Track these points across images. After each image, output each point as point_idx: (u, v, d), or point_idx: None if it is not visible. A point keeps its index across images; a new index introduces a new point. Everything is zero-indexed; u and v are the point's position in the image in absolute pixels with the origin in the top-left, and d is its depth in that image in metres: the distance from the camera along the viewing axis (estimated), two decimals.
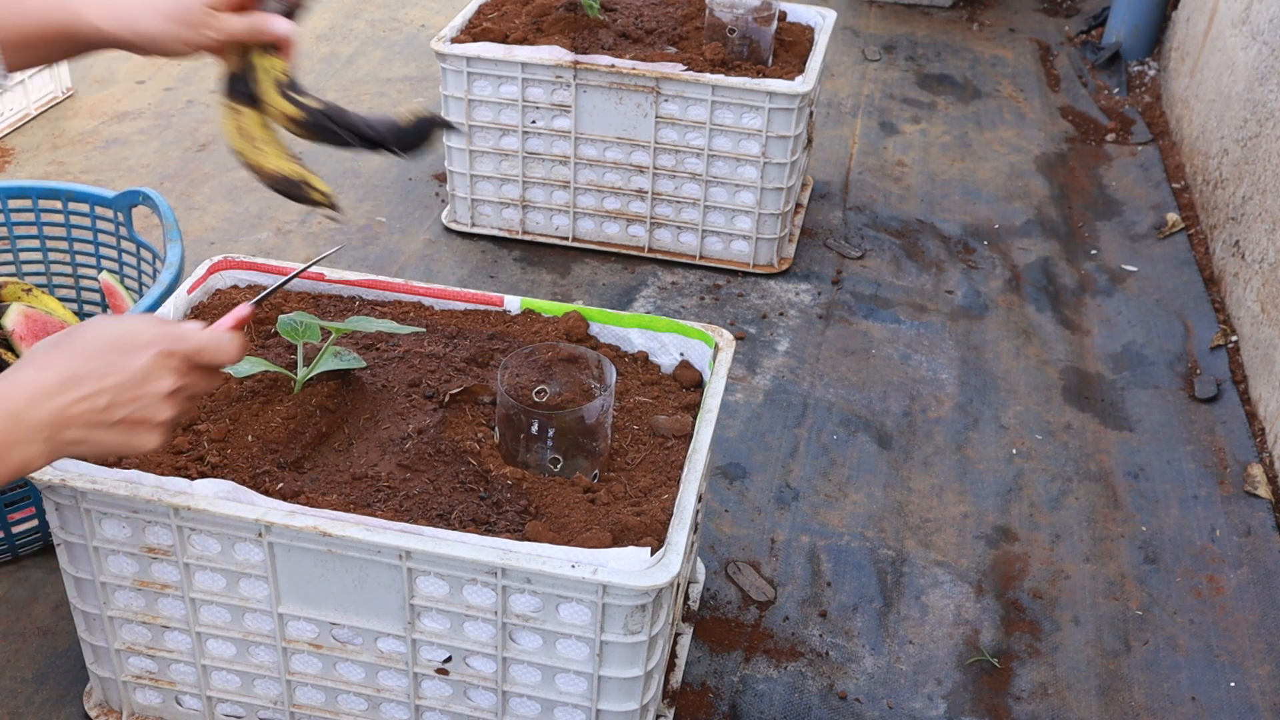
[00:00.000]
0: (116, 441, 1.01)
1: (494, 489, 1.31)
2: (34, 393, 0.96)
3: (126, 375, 1.00)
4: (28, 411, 0.95)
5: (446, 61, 2.36)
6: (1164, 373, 2.28)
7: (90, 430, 0.99)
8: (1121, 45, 3.48)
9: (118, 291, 1.96)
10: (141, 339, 1.01)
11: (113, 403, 0.99)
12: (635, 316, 1.55)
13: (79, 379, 0.98)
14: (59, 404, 0.96)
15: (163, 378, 1.02)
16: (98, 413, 0.98)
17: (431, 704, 1.34)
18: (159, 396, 1.01)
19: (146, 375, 1.01)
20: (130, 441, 1.02)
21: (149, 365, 1.01)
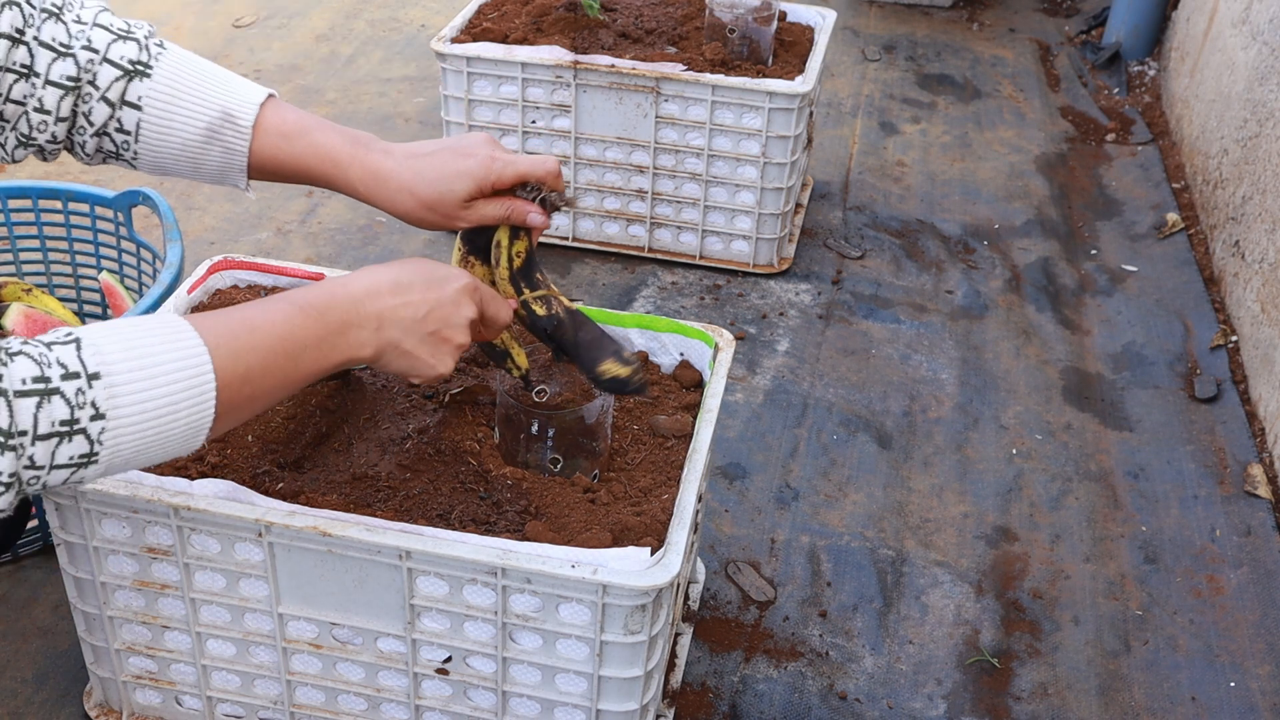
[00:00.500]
0: (423, 352, 1.14)
1: (494, 489, 1.31)
2: (370, 288, 1.11)
3: (443, 294, 1.15)
4: (365, 301, 1.10)
5: (446, 61, 2.36)
6: (1164, 373, 2.29)
7: (406, 333, 1.12)
8: (1121, 45, 3.48)
9: (118, 291, 1.96)
10: (454, 273, 1.18)
11: (429, 314, 1.14)
12: (635, 316, 1.56)
13: (406, 287, 1.13)
14: (389, 303, 1.11)
15: (468, 306, 1.17)
16: (416, 320, 1.13)
17: (431, 704, 1.34)
18: (463, 321, 1.17)
19: (457, 300, 1.16)
20: (432, 356, 1.15)
21: (460, 292, 1.17)
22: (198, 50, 3.42)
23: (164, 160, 1.19)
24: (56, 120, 1.13)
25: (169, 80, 1.16)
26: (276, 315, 1.04)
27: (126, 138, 1.16)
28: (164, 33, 3.40)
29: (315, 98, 3.11)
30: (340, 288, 1.10)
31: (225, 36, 3.43)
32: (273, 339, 1.02)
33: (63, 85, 1.12)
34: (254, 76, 3.21)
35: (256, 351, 1.00)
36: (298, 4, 3.66)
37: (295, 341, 1.04)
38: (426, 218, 1.23)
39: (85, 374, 0.89)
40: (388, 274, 1.13)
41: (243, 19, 3.54)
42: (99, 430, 0.90)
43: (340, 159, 1.21)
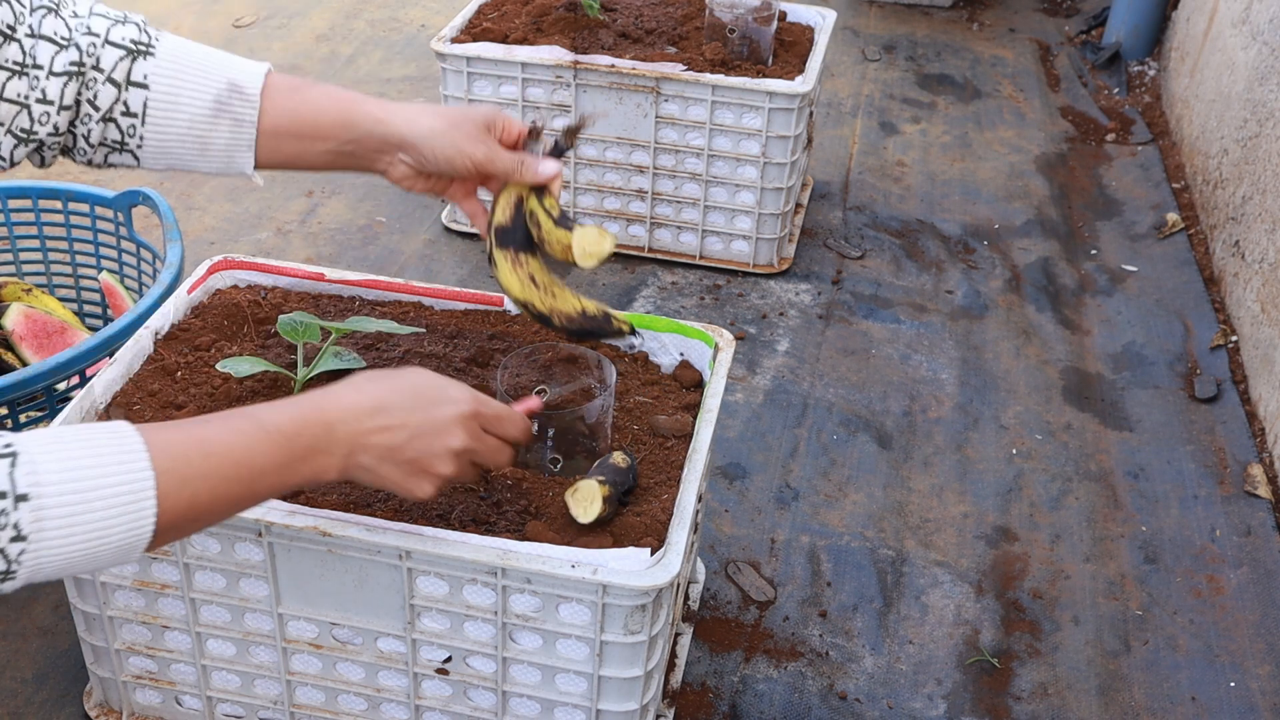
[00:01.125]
0: (396, 479, 1.08)
1: (494, 489, 1.31)
2: (348, 410, 1.04)
3: (430, 419, 1.08)
4: (338, 426, 1.03)
5: (446, 61, 2.36)
6: (1164, 373, 2.29)
7: (380, 461, 1.06)
8: (1121, 45, 3.48)
9: (118, 291, 1.96)
10: (451, 394, 1.11)
11: (409, 442, 1.07)
12: (635, 316, 1.55)
13: (389, 410, 1.06)
14: (365, 427, 1.04)
15: (457, 434, 1.09)
16: (392, 448, 1.06)
17: (431, 704, 1.34)
18: (448, 451, 1.09)
19: (444, 427, 1.09)
20: (407, 483, 1.08)
21: (450, 419, 1.09)
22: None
23: (170, 143, 1.17)
24: (60, 109, 1.11)
25: (172, 57, 1.15)
26: (238, 440, 0.97)
27: (133, 121, 1.14)
28: None
29: None
30: (314, 410, 1.03)
31: (225, 36, 3.43)
32: (228, 465, 0.96)
33: (66, 73, 1.11)
34: None
35: (208, 479, 0.94)
36: (298, 4, 3.66)
37: (253, 468, 0.97)
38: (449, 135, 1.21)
39: (13, 494, 0.85)
40: (373, 392, 1.06)
41: (243, 19, 3.54)
42: (18, 551, 0.85)
43: (355, 96, 1.21)
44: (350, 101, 1.21)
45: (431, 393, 1.10)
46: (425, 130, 1.21)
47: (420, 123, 1.21)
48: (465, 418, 1.10)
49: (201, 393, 1.41)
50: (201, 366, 1.45)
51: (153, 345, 1.47)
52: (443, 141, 1.22)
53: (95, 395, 1.37)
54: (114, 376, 1.40)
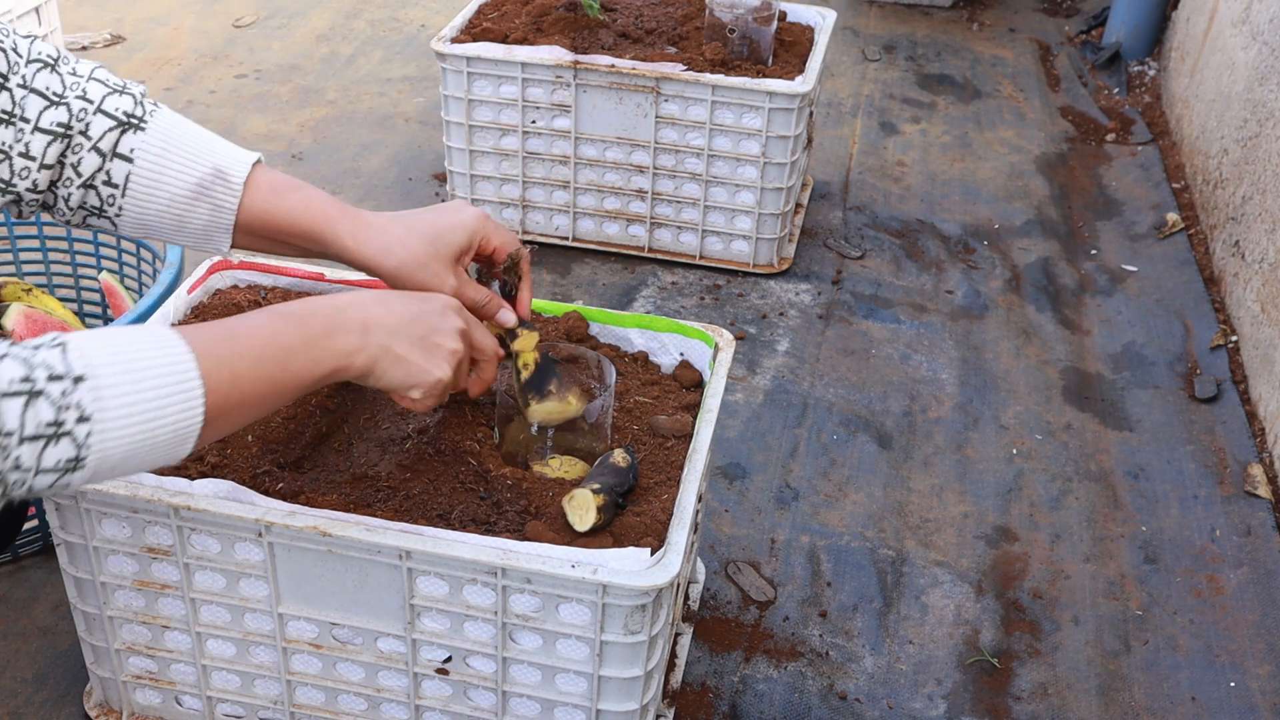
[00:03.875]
0: (417, 356, 1.13)
1: (494, 489, 1.31)
2: (352, 299, 1.11)
3: (428, 305, 1.15)
4: (348, 309, 1.10)
5: (446, 61, 2.36)
6: (1164, 373, 2.29)
7: (394, 337, 1.11)
8: (1121, 45, 3.48)
9: (118, 291, 1.96)
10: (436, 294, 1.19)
11: (415, 319, 1.13)
12: (635, 316, 1.55)
13: (389, 298, 1.13)
14: (373, 311, 1.11)
15: (454, 317, 1.17)
16: (403, 323, 1.12)
17: (431, 704, 1.34)
18: (451, 328, 1.16)
19: (443, 310, 1.16)
20: (427, 360, 1.14)
21: (445, 305, 1.17)
22: (198, 50, 3.43)
23: (148, 217, 1.18)
24: (40, 167, 1.12)
25: (163, 135, 1.16)
26: (259, 322, 1.04)
27: (113, 191, 1.15)
28: (164, 33, 3.41)
29: (315, 98, 3.11)
30: (323, 299, 1.11)
31: (225, 36, 3.43)
32: (256, 343, 1.02)
33: (52, 132, 1.11)
34: (254, 76, 3.21)
35: (242, 357, 1.00)
36: (298, 4, 3.66)
37: (280, 345, 1.03)
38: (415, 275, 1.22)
39: (70, 376, 0.88)
40: (370, 293, 1.14)
41: (243, 19, 3.54)
42: (85, 433, 0.89)
43: (331, 214, 1.21)
44: (325, 219, 1.20)
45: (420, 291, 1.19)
46: (392, 269, 1.22)
47: (388, 259, 1.22)
48: (455, 305, 1.18)
49: None
50: None
51: None
52: (409, 282, 1.23)
53: None
54: None
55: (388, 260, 1.21)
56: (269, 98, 3.10)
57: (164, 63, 3.25)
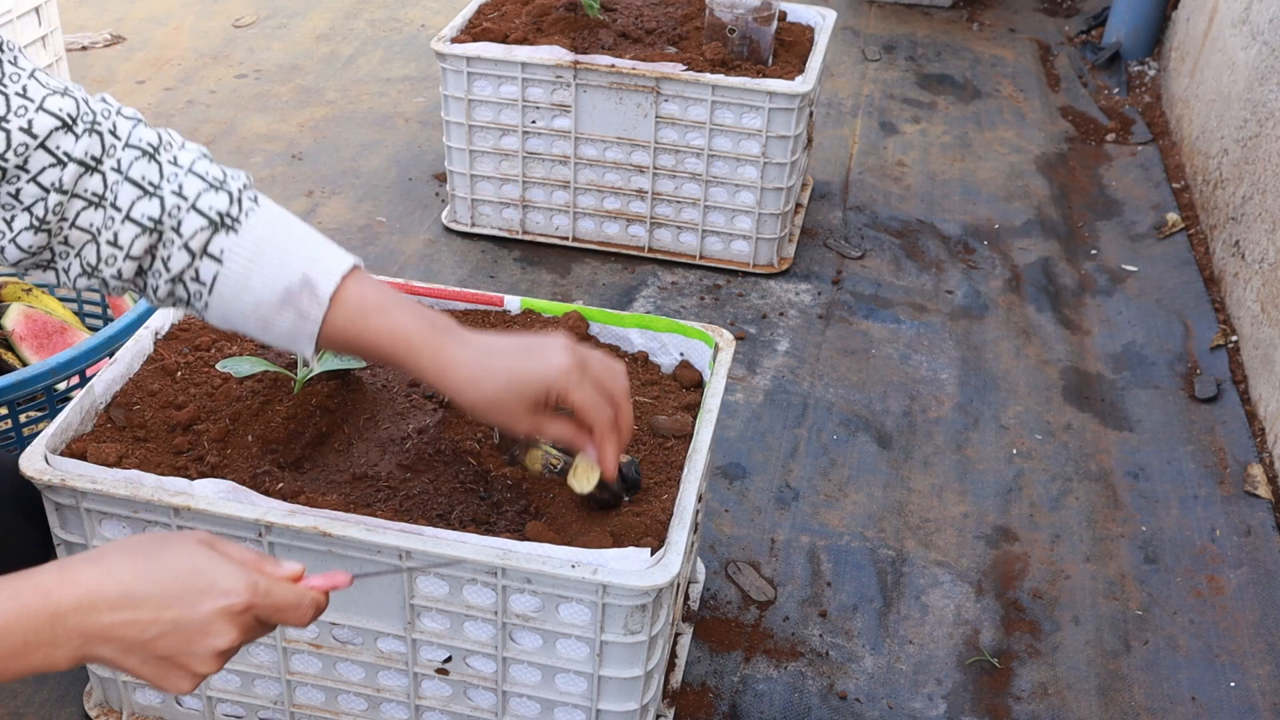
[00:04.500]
0: (146, 673, 0.92)
1: (494, 489, 1.31)
2: (85, 598, 0.87)
3: (190, 616, 0.90)
4: (68, 616, 0.87)
5: (446, 61, 2.36)
6: (1164, 373, 2.28)
7: (124, 654, 0.90)
8: (1121, 45, 3.48)
9: None
10: (221, 585, 0.91)
11: (160, 638, 0.90)
12: (635, 316, 1.55)
13: (139, 601, 0.89)
14: (105, 620, 0.88)
15: (225, 634, 0.91)
16: (140, 642, 0.89)
17: (431, 704, 1.34)
18: (211, 652, 0.91)
19: (208, 627, 0.91)
20: (160, 679, 0.92)
21: (216, 615, 0.91)
22: (198, 49, 3.42)
23: (233, 316, 1.12)
24: (127, 258, 1.08)
25: (255, 240, 1.10)
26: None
27: (200, 288, 1.10)
28: (164, 33, 3.41)
29: (315, 98, 3.11)
30: (38, 598, 0.86)
31: (225, 36, 3.43)
32: None
33: (142, 224, 1.07)
34: (254, 76, 3.21)
35: None
36: (298, 4, 3.66)
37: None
38: (491, 414, 1.14)
39: None
40: (121, 576, 0.89)
41: (243, 19, 3.54)
42: None
43: (414, 343, 1.12)
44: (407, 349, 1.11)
45: (196, 581, 0.91)
46: (473, 400, 1.12)
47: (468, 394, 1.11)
48: (234, 613, 0.91)
49: (201, 393, 1.41)
50: (202, 366, 1.45)
51: (153, 345, 1.47)
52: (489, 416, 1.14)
53: (95, 395, 1.37)
54: (114, 376, 1.40)
55: (466, 397, 1.12)
56: (269, 98, 3.10)
57: (164, 63, 3.25)
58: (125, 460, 1.31)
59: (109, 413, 1.37)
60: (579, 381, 1.12)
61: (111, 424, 1.36)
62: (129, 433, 1.36)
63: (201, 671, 0.92)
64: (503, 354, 1.12)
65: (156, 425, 1.37)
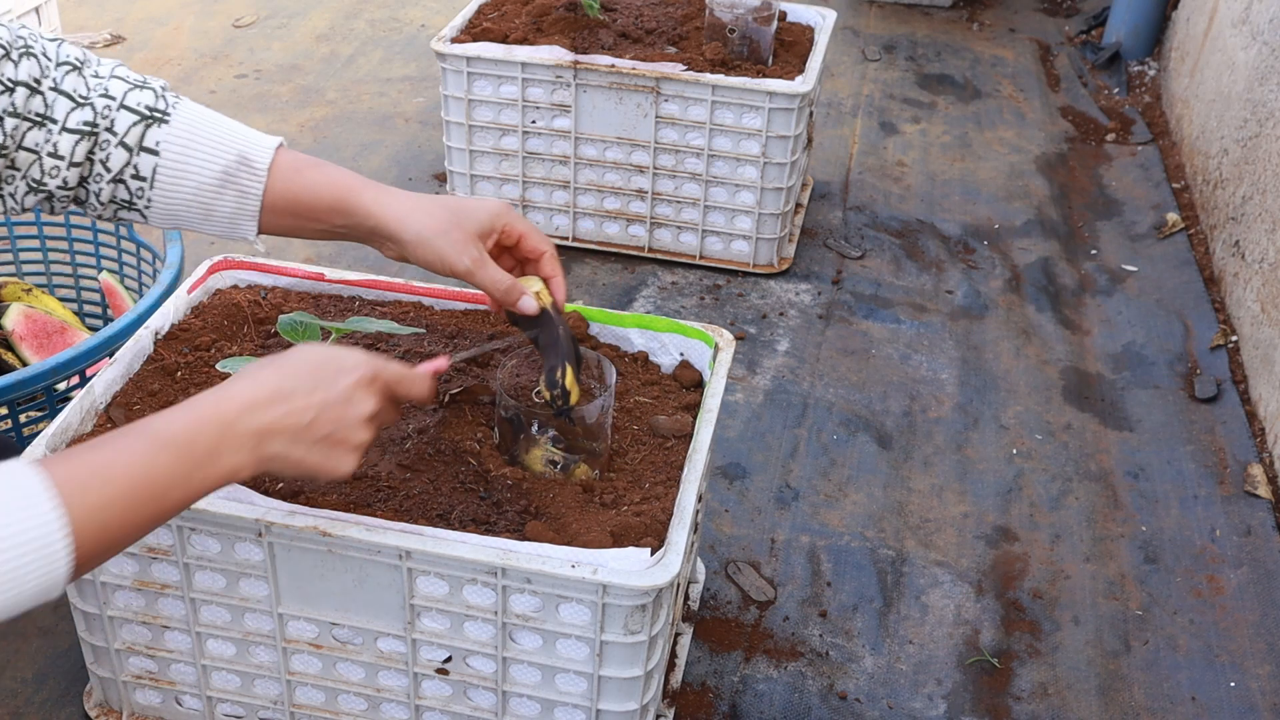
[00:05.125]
0: (315, 460, 1.05)
1: (494, 489, 1.31)
2: (245, 404, 1.01)
3: (332, 394, 1.05)
4: (238, 422, 1.00)
5: (446, 61, 2.36)
6: (1164, 373, 2.29)
7: (292, 444, 1.03)
8: (1121, 45, 3.48)
9: (118, 291, 1.96)
10: (348, 363, 1.07)
11: (316, 419, 1.04)
12: (635, 316, 1.55)
13: (289, 393, 1.03)
14: (268, 416, 1.01)
15: (365, 401, 1.07)
16: (302, 428, 1.03)
17: (431, 704, 1.34)
18: (360, 419, 1.07)
19: (350, 397, 1.06)
20: (327, 461, 1.06)
21: (353, 387, 1.07)
22: (198, 49, 3.42)
23: (176, 207, 1.20)
24: (70, 165, 1.14)
25: (185, 126, 1.18)
26: (135, 457, 0.95)
27: (142, 184, 1.17)
28: (164, 33, 3.41)
29: (315, 98, 3.11)
30: (212, 409, 1.00)
31: (225, 36, 3.43)
32: (131, 487, 0.94)
33: (79, 131, 1.14)
34: (254, 76, 3.21)
35: (114, 506, 0.92)
36: (298, 4, 3.66)
37: (156, 484, 0.95)
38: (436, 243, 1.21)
39: None
40: (268, 379, 1.04)
41: (243, 19, 3.54)
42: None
43: (354, 185, 1.21)
44: (347, 189, 1.21)
45: (329, 365, 1.07)
46: (414, 233, 1.21)
47: (411, 223, 1.21)
48: (367, 381, 1.08)
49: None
50: (201, 366, 1.45)
51: (153, 345, 1.47)
52: (428, 248, 1.21)
53: (95, 395, 1.37)
54: (114, 376, 1.40)
55: (409, 225, 1.20)
56: (269, 98, 3.10)
57: (164, 63, 3.25)
58: None
59: (109, 413, 1.37)
60: (518, 214, 1.26)
61: (111, 424, 1.36)
62: None
63: (358, 440, 1.07)
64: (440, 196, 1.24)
65: None
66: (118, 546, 0.94)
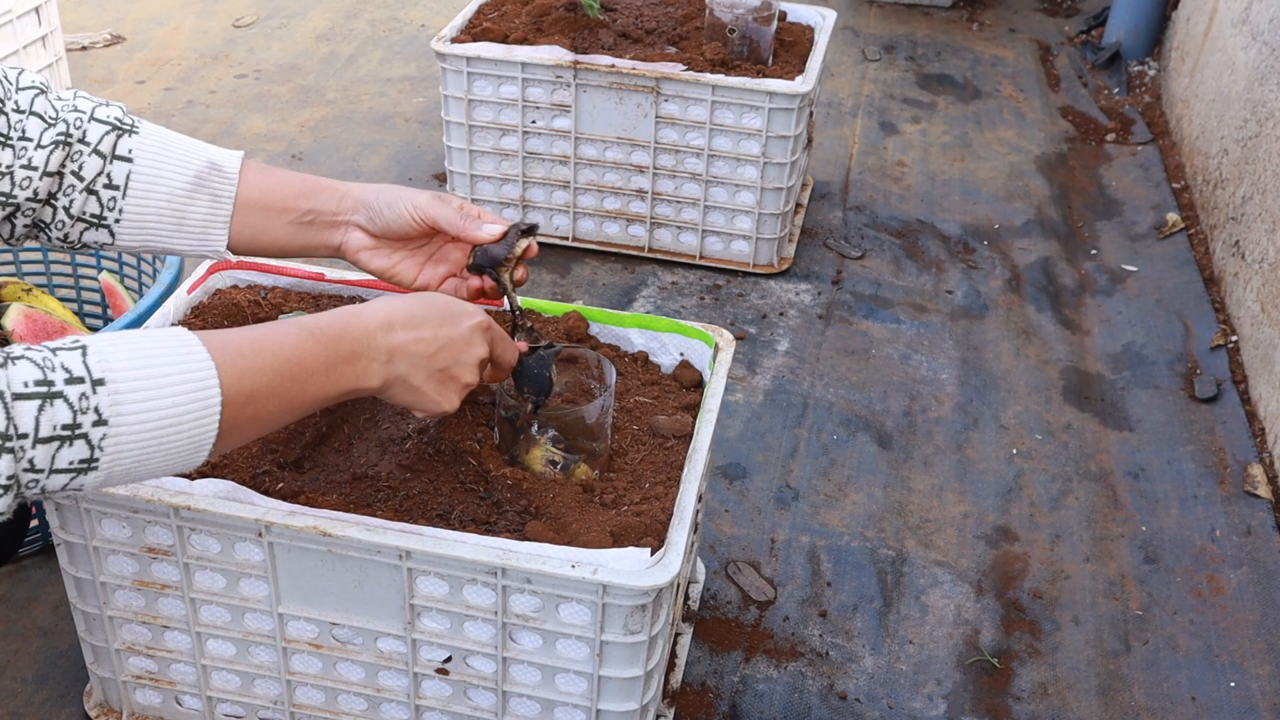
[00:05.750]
0: (430, 389, 1.15)
1: (494, 489, 1.31)
2: (384, 320, 1.11)
3: (456, 332, 1.16)
4: (378, 334, 1.11)
5: (446, 61, 2.36)
6: (1164, 373, 2.29)
7: (415, 368, 1.13)
8: (1121, 45, 3.48)
9: (118, 291, 1.96)
10: (470, 310, 1.19)
11: (440, 350, 1.14)
12: (635, 316, 1.55)
13: (420, 321, 1.14)
14: (401, 337, 1.12)
15: (480, 345, 1.19)
16: (426, 356, 1.14)
17: (431, 704, 1.34)
18: (473, 360, 1.18)
19: (470, 339, 1.17)
20: (439, 394, 1.16)
21: (473, 330, 1.18)
22: (198, 49, 3.42)
23: (148, 217, 1.22)
24: (44, 175, 1.16)
25: (156, 137, 1.23)
26: (286, 339, 1.04)
27: (114, 194, 1.20)
28: (164, 33, 3.41)
29: (315, 98, 3.11)
30: (355, 317, 1.11)
31: (225, 36, 3.43)
32: (280, 361, 1.02)
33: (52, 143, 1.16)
34: (254, 76, 3.21)
35: (263, 373, 1.00)
36: (298, 4, 3.66)
37: (303, 366, 1.04)
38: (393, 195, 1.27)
39: (90, 379, 0.89)
40: (404, 306, 1.14)
41: (243, 19, 3.54)
42: (100, 436, 0.90)
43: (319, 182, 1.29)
44: (316, 185, 1.29)
45: (454, 306, 1.18)
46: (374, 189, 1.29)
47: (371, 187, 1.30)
48: (484, 327, 1.19)
49: None
50: None
51: None
52: (392, 196, 1.28)
53: None
54: None
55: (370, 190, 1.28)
56: (269, 98, 3.10)
57: (164, 63, 3.25)
58: None
59: None
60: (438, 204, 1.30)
61: None
62: None
63: (468, 380, 1.18)
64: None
65: None
66: (260, 420, 1.01)
